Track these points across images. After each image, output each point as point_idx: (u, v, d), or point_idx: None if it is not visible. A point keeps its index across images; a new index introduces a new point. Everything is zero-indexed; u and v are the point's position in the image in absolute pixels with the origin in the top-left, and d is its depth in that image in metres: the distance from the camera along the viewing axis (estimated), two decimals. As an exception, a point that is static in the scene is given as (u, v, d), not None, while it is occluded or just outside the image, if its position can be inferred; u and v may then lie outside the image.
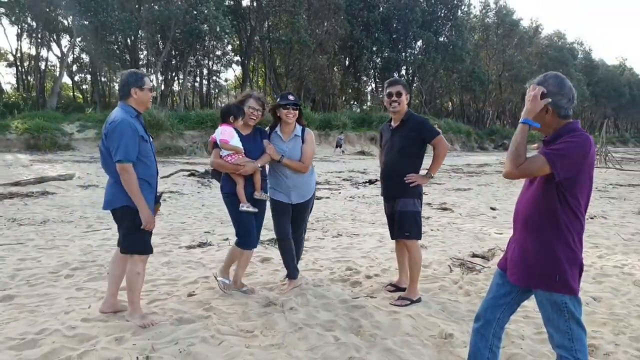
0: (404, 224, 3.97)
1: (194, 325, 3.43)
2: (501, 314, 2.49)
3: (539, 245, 2.22)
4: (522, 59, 50.74)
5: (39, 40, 32.82)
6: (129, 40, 34.18)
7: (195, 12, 29.30)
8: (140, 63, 37.14)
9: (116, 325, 3.35)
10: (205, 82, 45.80)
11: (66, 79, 37.99)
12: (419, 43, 44.32)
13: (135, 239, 3.39)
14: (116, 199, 3.34)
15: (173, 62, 36.94)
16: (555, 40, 59.00)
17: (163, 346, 3.10)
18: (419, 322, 3.64)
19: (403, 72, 46.12)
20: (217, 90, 50.00)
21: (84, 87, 42.74)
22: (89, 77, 40.75)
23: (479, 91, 46.71)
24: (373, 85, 48.76)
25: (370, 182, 13.16)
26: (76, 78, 41.07)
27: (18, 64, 35.59)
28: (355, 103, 48.49)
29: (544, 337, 3.46)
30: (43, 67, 36.19)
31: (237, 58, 43.48)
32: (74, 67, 38.45)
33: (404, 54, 44.43)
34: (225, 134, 3.90)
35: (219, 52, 41.31)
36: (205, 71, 43.88)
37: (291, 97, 4.00)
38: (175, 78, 40.54)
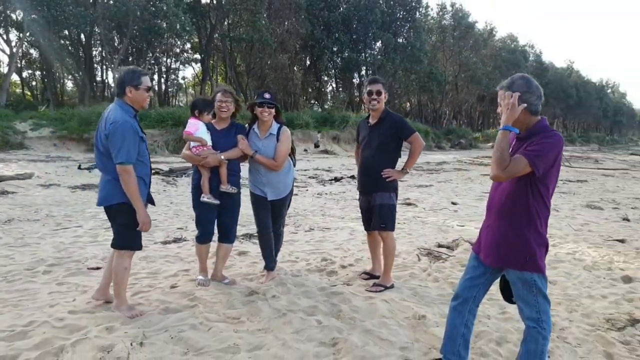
0: (381, 216, 4.21)
1: (181, 314, 3.56)
2: (477, 293, 2.77)
3: (512, 231, 2.50)
4: (477, 61, 52.28)
5: (-15, 35, 31.30)
6: (82, 36, 33.12)
7: (154, 9, 28.73)
8: (95, 60, 36.05)
9: (104, 316, 3.43)
10: (163, 80, 44.90)
11: (14, 76, 36.38)
12: (379, 44, 44.96)
13: (128, 236, 3.45)
14: (113, 195, 3.37)
15: (130, 60, 36.07)
16: (508, 42, 61.12)
17: (154, 333, 3.21)
18: (393, 306, 3.89)
19: (363, 72, 46.72)
20: (175, 89, 49.12)
21: (33, 83, 41.07)
22: (38, 73, 39.18)
23: (437, 92, 47.86)
24: (334, 84, 49.16)
25: (336, 179, 13.42)
26: (24, 74, 39.39)
27: (-38, 59, 33.86)
28: (317, 102, 48.71)
29: (507, 316, 3.81)
30: (-10, 63, 34.53)
31: (197, 56, 42.87)
32: (22, 63, 36.88)
33: (364, 54, 44.98)
34: (190, 126, 4.02)
35: (177, 50, 40.62)
36: (163, 69, 43.01)
37: (267, 96, 4.09)
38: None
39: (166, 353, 2.96)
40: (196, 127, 4.03)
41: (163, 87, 45.16)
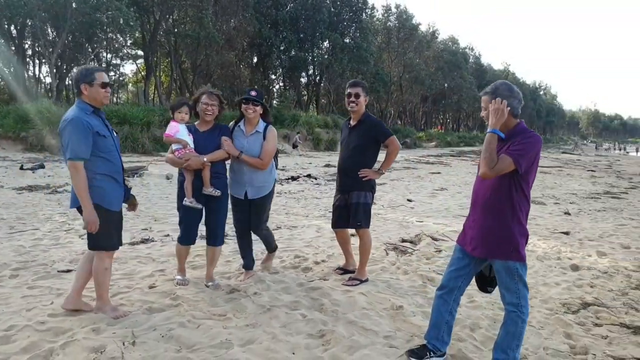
0: (357, 215, 4.38)
1: (167, 313, 3.57)
2: (461, 283, 2.99)
3: (498, 224, 2.73)
4: (420, 62, 53.92)
5: None
6: (13, 29, 31.22)
7: (94, 1, 27.55)
8: (28, 54, 34.14)
9: (88, 318, 3.38)
10: (104, 76, 43.02)
11: None
12: (326, 44, 45.38)
13: (99, 236, 3.37)
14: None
15: (68, 54, 34.38)
16: (449, 44, 63.44)
17: (143, 333, 3.22)
18: (371, 298, 4.08)
19: (311, 71, 47.02)
20: (116, 85, 47.32)
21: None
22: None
23: (382, 92, 48.92)
24: (281, 83, 49.10)
25: (293, 178, 13.52)
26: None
27: None
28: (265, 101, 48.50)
29: (475, 305, 4.09)
30: None
31: (140, 52, 41.52)
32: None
33: (311, 53, 45.26)
34: (169, 128, 4.02)
35: (119, 45, 39.17)
36: (104, 65, 41.32)
37: (252, 93, 4.13)
38: (72, 71, 37.75)
39: (160, 351, 2.98)
40: (175, 129, 4.03)
41: (104, 83, 43.29)
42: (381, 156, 4.50)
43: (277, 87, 50.67)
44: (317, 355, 3.06)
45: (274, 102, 46.41)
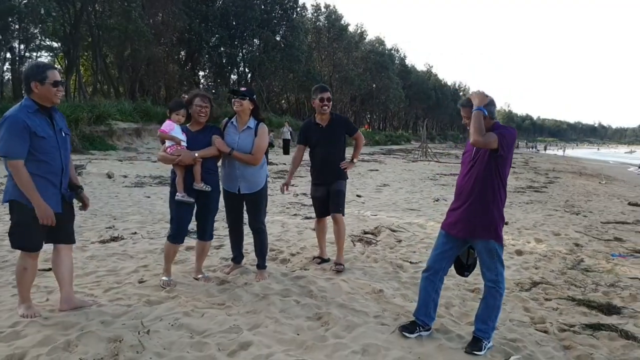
0: (339, 201, 4.84)
1: (167, 304, 3.71)
2: (445, 264, 3.42)
3: (482, 209, 3.17)
4: (349, 62, 55.20)
5: None
6: None
7: (10, -11, 25.71)
8: None
9: (92, 312, 3.45)
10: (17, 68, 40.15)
11: None
12: (258, 41, 45.26)
13: (18, 235, 3.31)
14: (6, 193, 3.30)
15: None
16: (376, 45, 65.33)
17: (151, 323, 3.35)
18: (352, 285, 4.43)
19: (241, 68, 46.67)
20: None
21: None
22: None
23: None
24: (212, 80, 48.25)
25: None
26: None
27: None
28: (195, 98, 47.37)
29: (445, 287, 4.52)
30: None
31: (55, 44, 39.09)
32: None
33: (243, 51, 44.95)
34: (165, 126, 4.17)
35: (38, 38, 36.67)
36: (17, 58, 38.48)
37: (242, 89, 4.32)
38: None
39: (174, 338, 3.14)
40: (170, 127, 4.15)
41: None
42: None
43: (207, 83, 49.73)
44: (320, 335, 3.36)
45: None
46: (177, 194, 4.13)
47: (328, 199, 4.88)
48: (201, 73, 47.81)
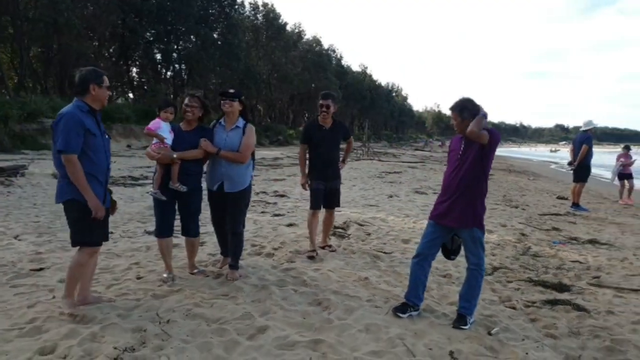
0: (339, 197, 5.64)
1: (175, 297, 3.89)
2: (433, 250, 3.86)
3: (469, 200, 3.63)
4: (287, 61, 55.44)
5: None
6: None
7: None
8: None
9: (105, 307, 3.58)
10: None
11: None
12: (195, 38, 44.43)
13: (78, 232, 3.47)
14: (62, 192, 3.44)
15: None
16: (314, 45, 66.00)
17: (166, 314, 3.54)
18: (339, 274, 4.79)
19: (177, 66, 45.62)
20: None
21: None
22: None
23: (253, 89, 49.35)
24: (148, 76, 46.73)
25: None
26: None
27: None
28: (132, 95, 45.74)
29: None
30: None
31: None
32: None
33: (178, 47, 43.97)
34: (152, 123, 4.30)
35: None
36: None
37: (230, 90, 4.48)
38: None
39: (193, 326, 3.36)
40: (157, 125, 4.29)
41: None
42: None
43: (140, 80, 48.15)
44: (325, 317, 3.68)
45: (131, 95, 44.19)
46: (150, 188, 4.26)
47: (326, 194, 5.46)
48: (136, 69, 46.23)
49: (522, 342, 3.46)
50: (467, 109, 3.64)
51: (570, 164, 10.60)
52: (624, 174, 12.32)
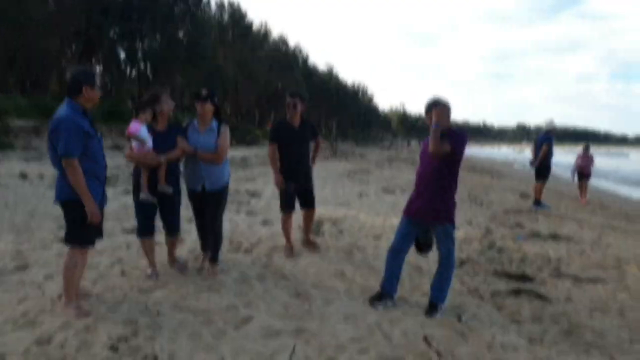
0: (312, 197, 5.66)
1: (161, 291, 4.04)
2: (408, 244, 4.13)
3: (440, 197, 3.91)
4: (254, 60, 55.24)
5: None
6: None
7: None
8: None
9: (93, 300, 3.70)
10: None
11: None
12: (161, 37, 43.80)
13: (75, 231, 3.55)
14: (61, 192, 3.52)
15: None
16: (280, 45, 65.93)
17: (155, 307, 3.70)
18: (316, 268, 5.02)
19: (142, 65, 44.87)
20: None
21: None
22: None
23: (221, 89, 48.99)
24: (113, 75, 45.72)
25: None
26: None
27: None
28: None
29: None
30: None
31: None
32: None
33: (142, 45, 43.27)
34: (132, 127, 4.32)
35: None
36: None
37: (204, 92, 4.54)
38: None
39: (182, 318, 3.53)
40: (137, 127, 4.32)
41: None
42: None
43: (103, 79, 47.08)
44: (306, 309, 3.91)
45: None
46: (140, 193, 4.31)
47: (300, 194, 5.50)
48: (100, 67, 45.20)
49: (490, 328, 3.78)
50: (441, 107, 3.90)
51: (532, 163, 11.06)
52: (582, 174, 12.95)
